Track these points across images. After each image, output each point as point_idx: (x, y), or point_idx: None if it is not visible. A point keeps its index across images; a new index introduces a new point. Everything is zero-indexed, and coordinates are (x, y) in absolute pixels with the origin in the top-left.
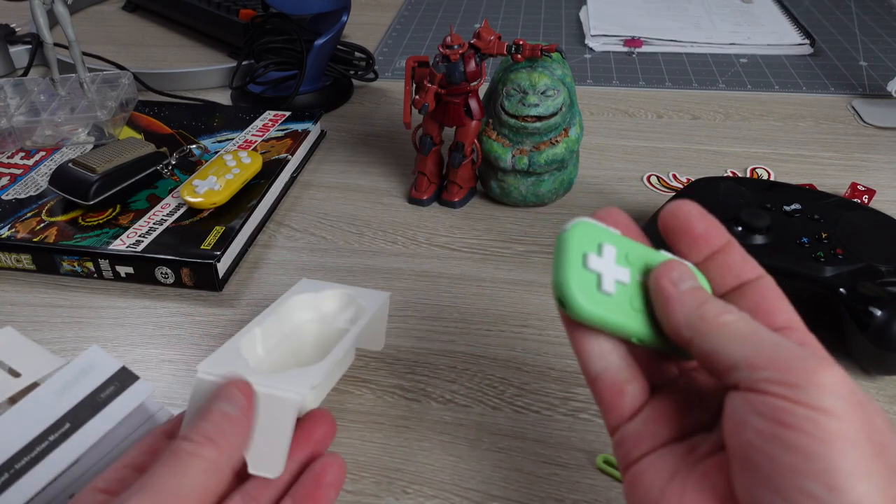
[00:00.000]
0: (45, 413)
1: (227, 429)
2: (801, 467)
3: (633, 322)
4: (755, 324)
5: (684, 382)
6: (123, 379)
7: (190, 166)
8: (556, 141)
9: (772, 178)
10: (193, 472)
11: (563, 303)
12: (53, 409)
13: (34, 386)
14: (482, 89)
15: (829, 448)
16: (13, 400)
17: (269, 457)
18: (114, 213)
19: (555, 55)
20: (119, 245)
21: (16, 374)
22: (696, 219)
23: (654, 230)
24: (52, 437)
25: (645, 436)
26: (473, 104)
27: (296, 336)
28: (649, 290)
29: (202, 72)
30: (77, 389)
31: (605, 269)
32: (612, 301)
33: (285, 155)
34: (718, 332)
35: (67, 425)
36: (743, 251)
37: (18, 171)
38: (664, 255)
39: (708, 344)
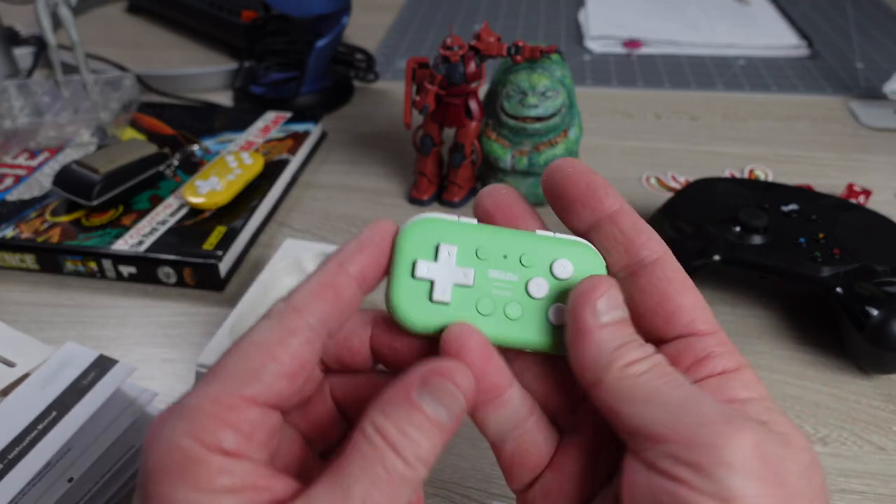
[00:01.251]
0: (31, 404)
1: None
2: None
3: (483, 326)
4: (666, 375)
5: (583, 426)
6: (103, 365)
7: (192, 167)
8: (556, 142)
9: (769, 179)
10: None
11: (394, 318)
12: (39, 400)
13: (26, 377)
14: (482, 90)
15: None
16: (5, 392)
17: None
18: (117, 214)
19: (554, 56)
20: (122, 245)
21: (10, 364)
22: (580, 174)
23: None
24: (40, 426)
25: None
26: (473, 105)
27: None
28: (567, 310)
29: (204, 73)
30: (59, 381)
31: (440, 275)
32: (449, 309)
33: (287, 156)
34: (624, 388)
35: (54, 413)
36: (638, 220)
37: (22, 172)
38: (543, 239)
39: (609, 398)
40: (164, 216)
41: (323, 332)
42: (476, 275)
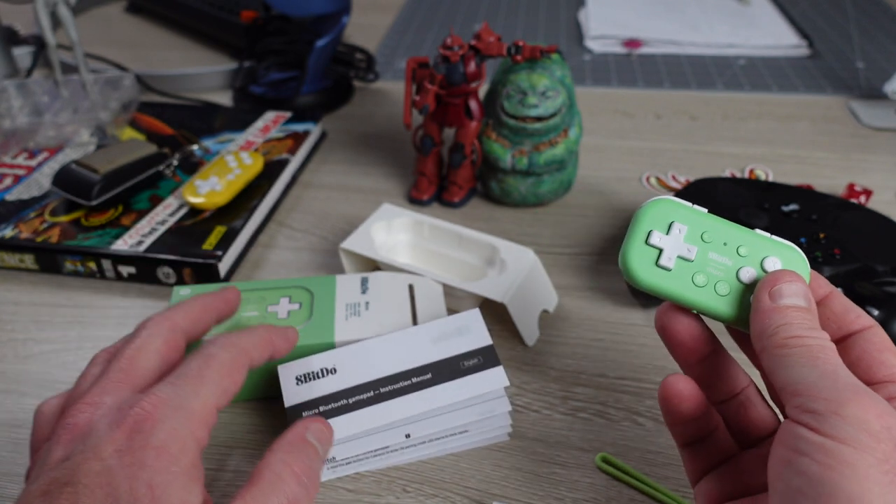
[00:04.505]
0: (416, 353)
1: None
2: (808, 492)
3: (693, 295)
4: (824, 353)
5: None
6: (487, 357)
7: (192, 167)
8: (556, 142)
9: (770, 179)
10: None
11: (623, 272)
12: (424, 354)
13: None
14: (482, 90)
15: (836, 475)
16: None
17: None
18: (116, 214)
19: (554, 56)
20: (121, 245)
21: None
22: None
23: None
24: (414, 379)
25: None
26: (473, 105)
27: None
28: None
29: (204, 73)
30: (447, 345)
31: (668, 246)
32: (670, 275)
33: (286, 155)
34: (779, 354)
35: (429, 375)
36: (846, 301)
37: (22, 172)
38: (761, 238)
39: (767, 362)
40: (163, 216)
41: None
42: (698, 252)
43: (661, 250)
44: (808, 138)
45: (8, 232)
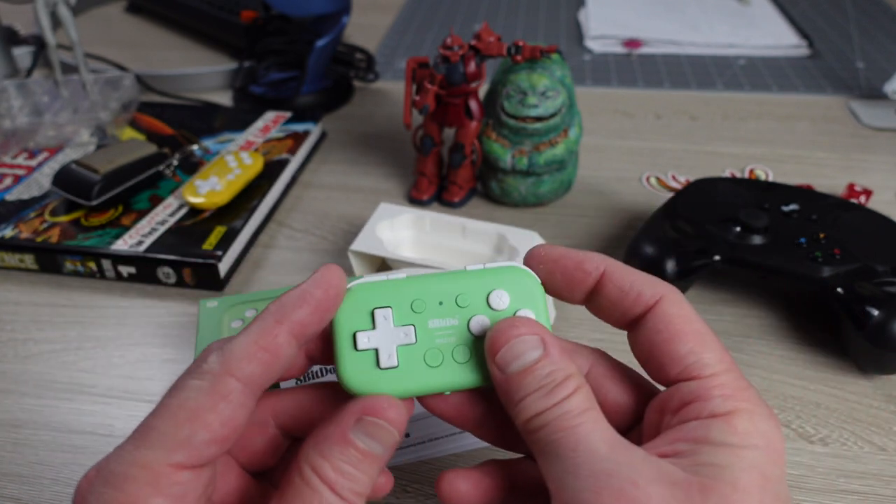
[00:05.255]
0: None
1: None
2: None
3: (434, 379)
4: (563, 432)
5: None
6: None
7: (192, 167)
8: (556, 142)
9: (770, 179)
10: None
11: (348, 392)
12: None
13: None
14: (482, 90)
15: None
16: None
17: None
18: (116, 214)
19: (554, 56)
20: (121, 245)
21: None
22: (551, 263)
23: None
24: None
25: None
26: (473, 105)
27: None
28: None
29: (204, 73)
30: None
31: (381, 341)
32: (400, 372)
33: (286, 155)
34: (528, 441)
35: None
36: (623, 278)
37: (22, 172)
38: (475, 275)
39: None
40: (163, 216)
41: (257, 392)
42: (417, 330)
43: (376, 351)
44: (808, 138)
45: (8, 232)
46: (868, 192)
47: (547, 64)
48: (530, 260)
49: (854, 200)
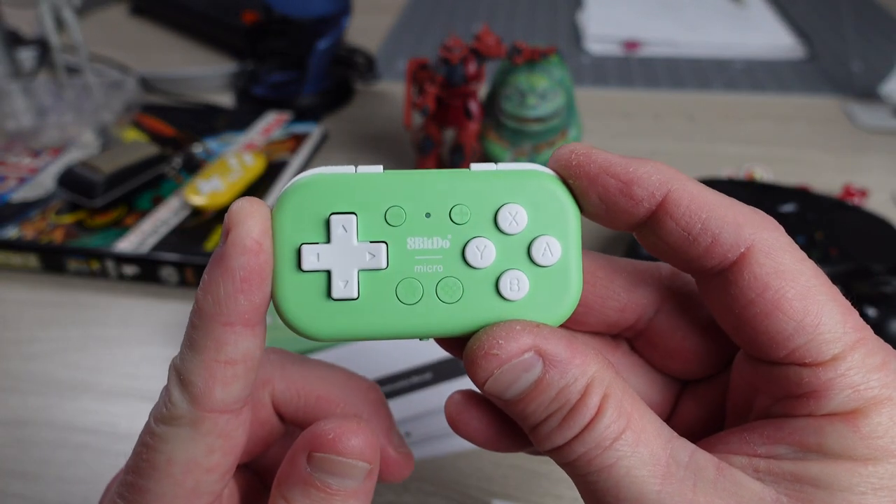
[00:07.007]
0: (417, 353)
1: None
2: None
3: (409, 322)
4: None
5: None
6: None
7: (194, 168)
8: (555, 142)
9: (767, 180)
10: None
11: (289, 328)
12: (425, 353)
13: None
14: (482, 91)
15: None
16: None
17: None
18: (119, 214)
19: (553, 58)
20: (124, 245)
21: None
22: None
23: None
24: (414, 379)
25: None
26: (473, 106)
27: None
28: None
29: (206, 75)
30: None
31: (337, 262)
32: (360, 305)
33: (288, 156)
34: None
35: (429, 375)
36: (696, 197)
37: (26, 173)
38: (482, 177)
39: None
40: (166, 216)
41: (246, 400)
42: (389, 250)
43: (328, 273)
44: (804, 139)
45: (12, 233)
46: (864, 193)
47: (546, 65)
48: (556, 168)
49: (850, 201)
